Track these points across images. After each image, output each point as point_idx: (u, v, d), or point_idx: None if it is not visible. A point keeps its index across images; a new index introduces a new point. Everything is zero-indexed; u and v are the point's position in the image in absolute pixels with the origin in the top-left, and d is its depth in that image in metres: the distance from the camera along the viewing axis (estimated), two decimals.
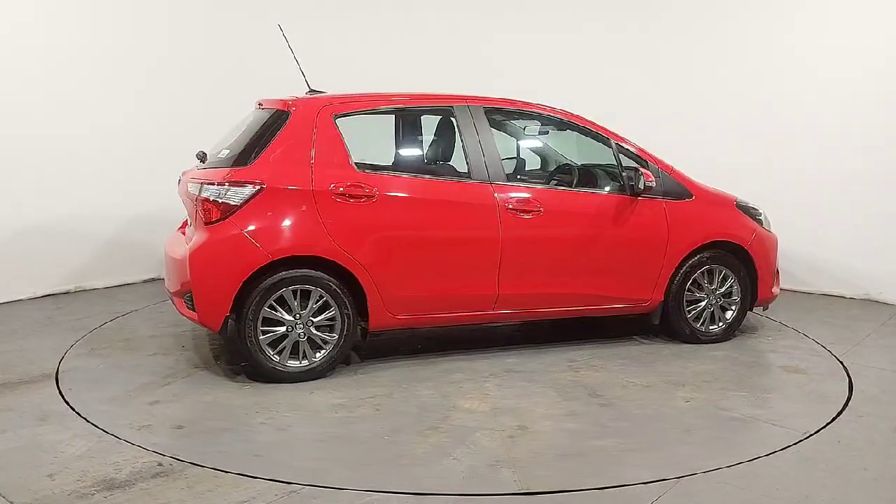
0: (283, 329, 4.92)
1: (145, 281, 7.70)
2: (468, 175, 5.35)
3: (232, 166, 5.02)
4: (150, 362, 5.36)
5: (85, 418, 4.36)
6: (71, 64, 7.09)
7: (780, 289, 6.34)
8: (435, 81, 6.37)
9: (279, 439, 4.20)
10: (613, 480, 3.72)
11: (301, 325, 4.95)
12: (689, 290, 5.83)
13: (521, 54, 8.65)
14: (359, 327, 5.18)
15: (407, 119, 5.94)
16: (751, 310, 6.13)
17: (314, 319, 4.97)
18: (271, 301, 4.88)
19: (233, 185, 4.86)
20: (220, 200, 4.86)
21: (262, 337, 4.89)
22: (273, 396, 4.75)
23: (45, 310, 6.61)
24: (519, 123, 6.20)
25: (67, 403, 4.58)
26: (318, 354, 5.01)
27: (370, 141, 5.96)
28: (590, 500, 3.56)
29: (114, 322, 6.29)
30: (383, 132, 6.00)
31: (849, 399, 4.86)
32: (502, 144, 5.91)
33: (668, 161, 5.90)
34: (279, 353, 4.93)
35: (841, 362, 5.53)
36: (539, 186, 5.62)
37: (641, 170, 5.58)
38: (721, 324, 5.98)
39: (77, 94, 7.12)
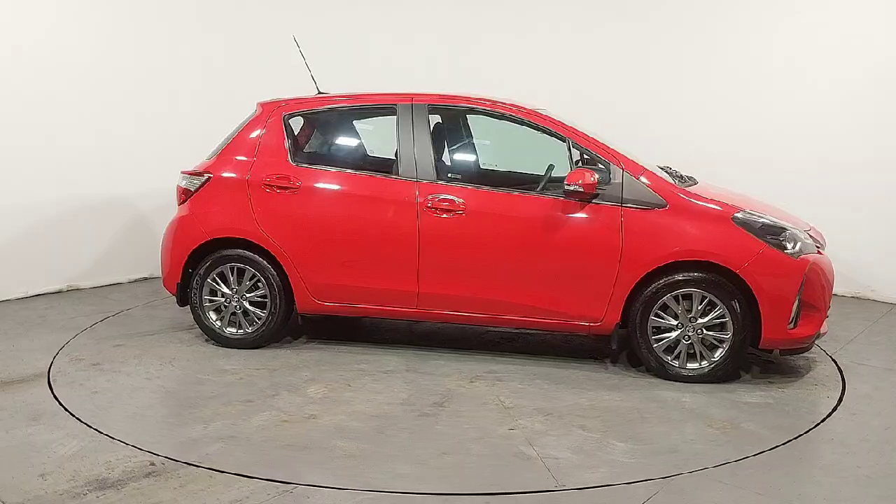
0: (221, 300, 5.60)
1: (137, 280, 7.66)
2: (397, 172, 5.39)
3: (210, 159, 5.80)
4: (140, 349, 5.55)
5: (77, 418, 4.34)
6: (71, 66, 7.04)
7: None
8: (449, 80, 6.41)
9: (124, 385, 4.91)
10: (291, 477, 3.69)
11: (236, 299, 5.56)
12: (657, 315, 5.04)
13: (521, 55, 8.71)
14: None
15: (363, 117, 6.06)
16: (767, 351, 5.19)
17: (248, 295, 5.56)
18: (214, 275, 5.57)
19: (189, 175, 5.75)
20: (184, 187, 5.74)
21: (206, 304, 5.60)
22: (193, 354, 5.51)
23: (36, 309, 6.58)
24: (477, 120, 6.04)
25: (59, 403, 4.56)
26: (251, 327, 5.58)
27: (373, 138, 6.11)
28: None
29: (105, 321, 6.27)
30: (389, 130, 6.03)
31: (841, 397, 4.87)
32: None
33: (657, 162, 5.74)
34: (220, 319, 5.60)
35: (834, 360, 5.54)
36: (467, 186, 5.32)
37: (584, 170, 5.02)
38: (705, 362, 5.02)
39: (72, 96, 7.07)
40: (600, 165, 5.13)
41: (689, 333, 5.00)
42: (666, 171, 5.50)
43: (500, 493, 3.61)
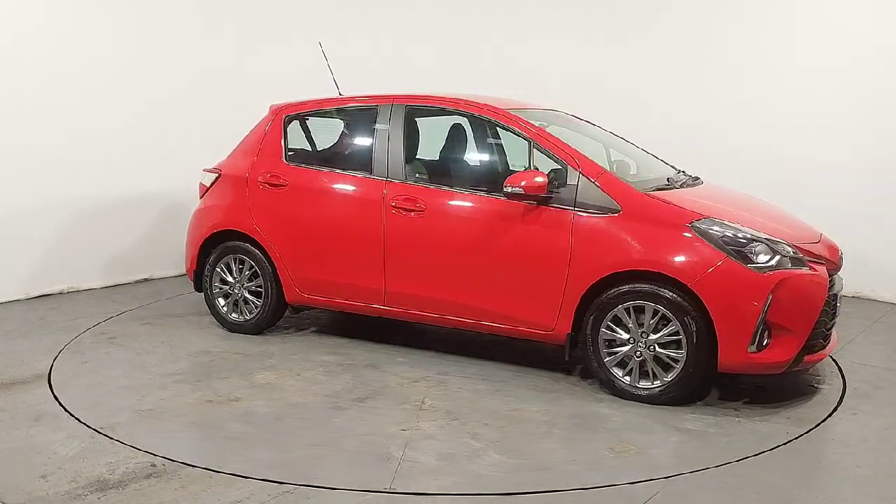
0: (227, 288, 6.02)
1: (138, 282, 7.66)
2: (370, 171, 5.49)
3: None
4: (158, 328, 6.10)
5: (78, 419, 4.35)
6: (72, 66, 7.03)
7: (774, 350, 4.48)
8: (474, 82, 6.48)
9: (114, 357, 5.44)
10: (166, 453, 3.93)
11: (238, 288, 5.95)
12: (608, 327, 4.71)
13: (532, 55, 8.79)
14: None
15: (354, 118, 6.12)
16: (730, 376, 4.76)
17: (247, 284, 5.93)
18: (221, 264, 6.00)
19: (206, 172, 6.18)
20: (203, 183, 6.18)
21: (214, 291, 6.05)
22: (197, 336, 5.95)
23: (37, 310, 6.58)
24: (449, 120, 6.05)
25: (60, 404, 4.57)
26: (250, 314, 5.96)
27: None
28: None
29: (107, 322, 6.28)
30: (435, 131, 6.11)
31: (842, 397, 4.87)
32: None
33: (671, 161, 5.76)
34: (227, 306, 6.02)
35: (834, 360, 5.53)
36: (430, 186, 5.31)
37: (528, 172, 4.90)
38: (657, 382, 4.62)
39: (72, 97, 7.06)
40: (559, 167, 4.94)
41: (640, 349, 4.64)
42: (676, 172, 5.46)
43: (324, 487, 3.64)
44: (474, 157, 6.07)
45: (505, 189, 4.88)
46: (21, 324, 6.20)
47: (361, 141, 6.02)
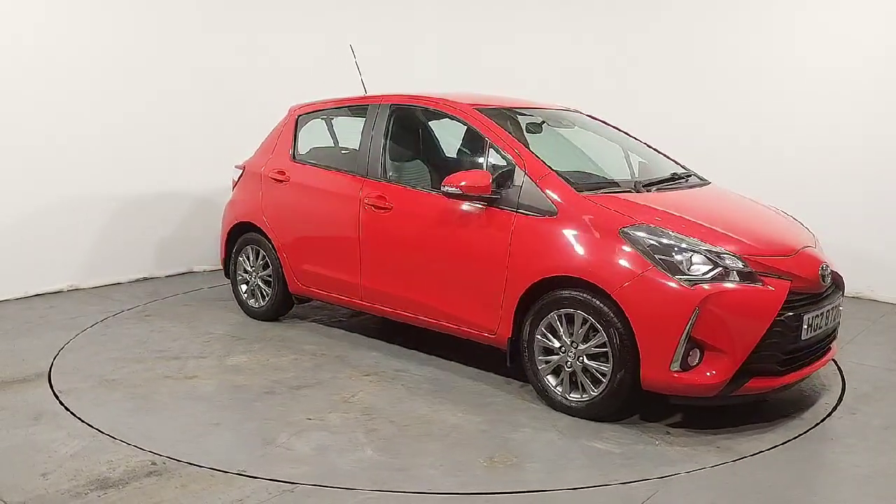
0: (246, 276, 6.45)
1: (137, 280, 7.67)
2: (354, 169, 5.64)
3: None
4: (192, 309, 6.64)
5: (78, 417, 4.35)
6: (71, 65, 7.03)
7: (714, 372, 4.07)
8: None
9: (132, 332, 6.00)
10: (75, 410, 4.41)
11: (253, 276, 6.39)
12: (543, 333, 4.51)
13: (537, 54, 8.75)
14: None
15: (352, 117, 6.22)
16: (658, 395, 4.24)
17: (261, 273, 6.31)
18: (243, 254, 6.44)
19: (235, 168, 6.61)
20: (233, 178, 6.62)
21: (238, 279, 6.52)
22: (216, 318, 6.42)
23: (37, 309, 6.59)
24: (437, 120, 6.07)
25: (61, 403, 4.57)
26: (263, 301, 6.35)
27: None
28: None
29: (107, 321, 6.28)
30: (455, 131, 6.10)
31: (841, 397, 4.88)
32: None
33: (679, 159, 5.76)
34: (246, 293, 6.48)
35: (833, 360, 5.53)
36: (399, 185, 5.34)
37: (468, 172, 4.85)
38: (586, 395, 4.37)
39: (72, 96, 7.06)
40: (508, 167, 4.78)
41: (570, 359, 4.41)
42: (682, 169, 5.44)
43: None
44: (452, 155, 6.08)
45: (443, 189, 4.81)
46: (21, 322, 6.20)
47: (354, 140, 6.03)
